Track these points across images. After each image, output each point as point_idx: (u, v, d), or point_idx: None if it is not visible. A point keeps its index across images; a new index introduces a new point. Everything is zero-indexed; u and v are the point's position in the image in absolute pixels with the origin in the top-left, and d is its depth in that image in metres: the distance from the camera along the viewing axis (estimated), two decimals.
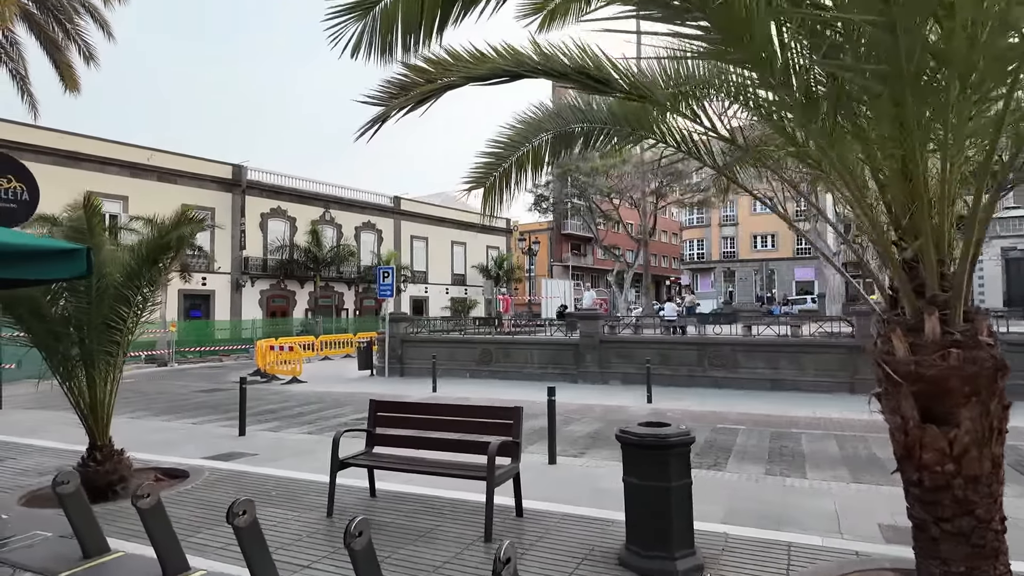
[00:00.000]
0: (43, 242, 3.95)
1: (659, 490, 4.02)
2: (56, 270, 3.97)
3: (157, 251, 6.06)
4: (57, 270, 3.98)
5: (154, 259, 6.10)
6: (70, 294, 5.88)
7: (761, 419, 10.29)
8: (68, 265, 4.01)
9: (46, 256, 3.94)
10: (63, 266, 3.99)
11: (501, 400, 12.66)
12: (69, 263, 4.01)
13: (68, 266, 4.01)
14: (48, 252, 3.94)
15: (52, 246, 3.97)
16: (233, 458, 7.51)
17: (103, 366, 6.17)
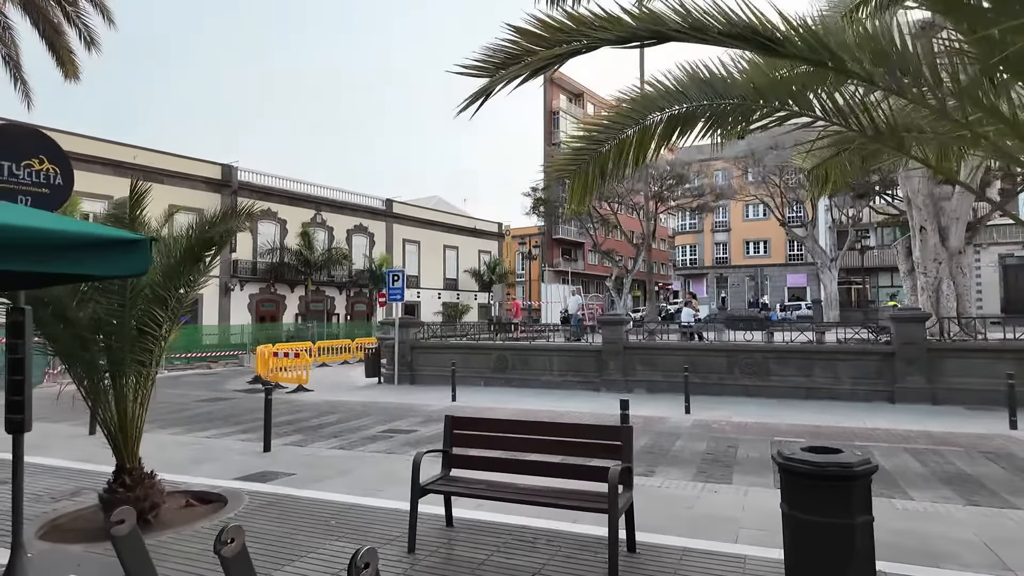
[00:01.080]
0: (100, 230, 3.24)
1: (839, 529, 3.40)
2: (113, 265, 3.27)
3: (201, 246, 5.33)
4: (114, 265, 3.27)
5: (197, 256, 5.37)
6: (99, 294, 5.13)
7: (815, 431, 9.77)
8: (126, 260, 3.31)
9: (103, 248, 3.23)
10: (121, 260, 3.29)
11: (525, 410, 12.03)
12: (128, 257, 3.31)
13: (127, 261, 3.31)
14: (105, 243, 3.23)
15: (111, 236, 3.26)
16: (269, 479, 6.75)
17: (134, 377, 5.42)
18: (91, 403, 5.39)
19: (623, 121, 4.73)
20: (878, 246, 40.20)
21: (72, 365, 5.28)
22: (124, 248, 3.31)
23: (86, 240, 3.16)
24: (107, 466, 7.38)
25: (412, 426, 10.57)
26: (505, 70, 4.03)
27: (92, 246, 3.19)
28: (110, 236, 3.26)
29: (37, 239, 2.95)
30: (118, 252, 3.28)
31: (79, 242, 3.14)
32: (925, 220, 13.91)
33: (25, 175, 4.12)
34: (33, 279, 3.71)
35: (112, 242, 3.27)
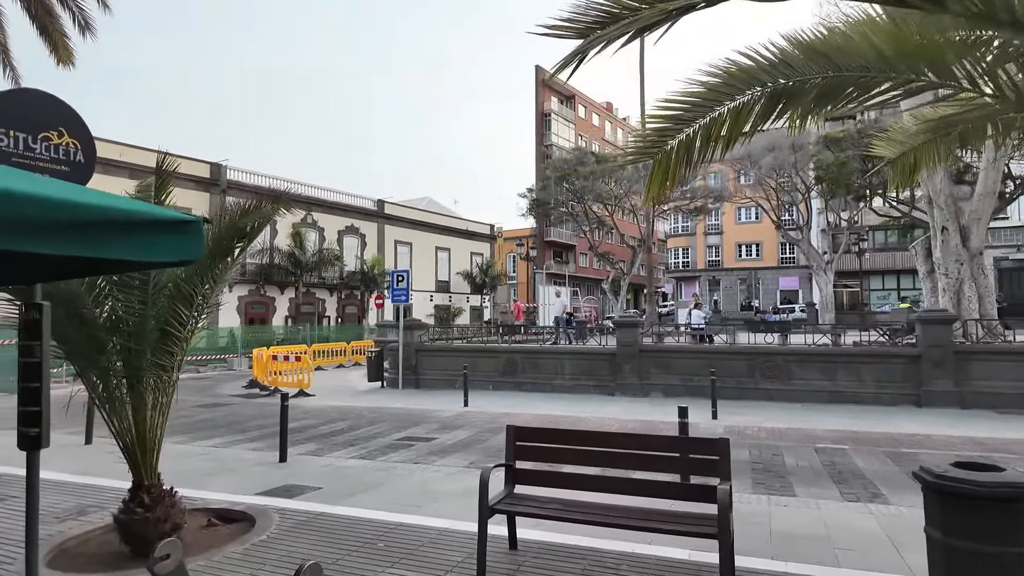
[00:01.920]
0: (150, 208, 2.68)
1: (1013, 559, 2.94)
2: (162, 249, 2.71)
3: (231, 237, 4.77)
4: (163, 249, 2.71)
5: (227, 248, 4.80)
6: (119, 290, 4.54)
7: (853, 436, 9.38)
8: (177, 244, 2.76)
9: (151, 229, 2.67)
10: (171, 245, 2.73)
11: (544, 416, 11.53)
12: (179, 241, 2.76)
13: (177, 245, 2.76)
14: (155, 223, 2.68)
15: (162, 215, 2.71)
16: (294, 493, 6.18)
17: (154, 384, 4.84)
18: (106, 413, 4.78)
19: (714, 98, 4.26)
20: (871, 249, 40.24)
21: (85, 370, 4.68)
22: (175, 230, 2.75)
23: (135, 219, 2.61)
24: (110, 480, 6.78)
25: (430, 433, 10.02)
26: (601, 30, 3.54)
27: (139, 227, 2.63)
28: (161, 216, 2.71)
29: (81, 216, 2.39)
30: (168, 235, 2.73)
31: (126, 221, 2.58)
32: (947, 220, 13.65)
33: (42, 149, 3.56)
34: (60, 267, 3.14)
35: (162, 222, 2.71)
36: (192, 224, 2.81)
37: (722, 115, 4.28)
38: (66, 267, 3.12)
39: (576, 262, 57.99)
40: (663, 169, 4.59)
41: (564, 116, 58.64)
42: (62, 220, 2.36)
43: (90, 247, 2.47)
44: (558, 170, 34.22)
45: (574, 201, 34.76)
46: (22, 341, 3.48)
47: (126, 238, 2.59)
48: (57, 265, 3.06)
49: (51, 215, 2.28)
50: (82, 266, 3.09)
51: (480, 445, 8.98)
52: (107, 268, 3.18)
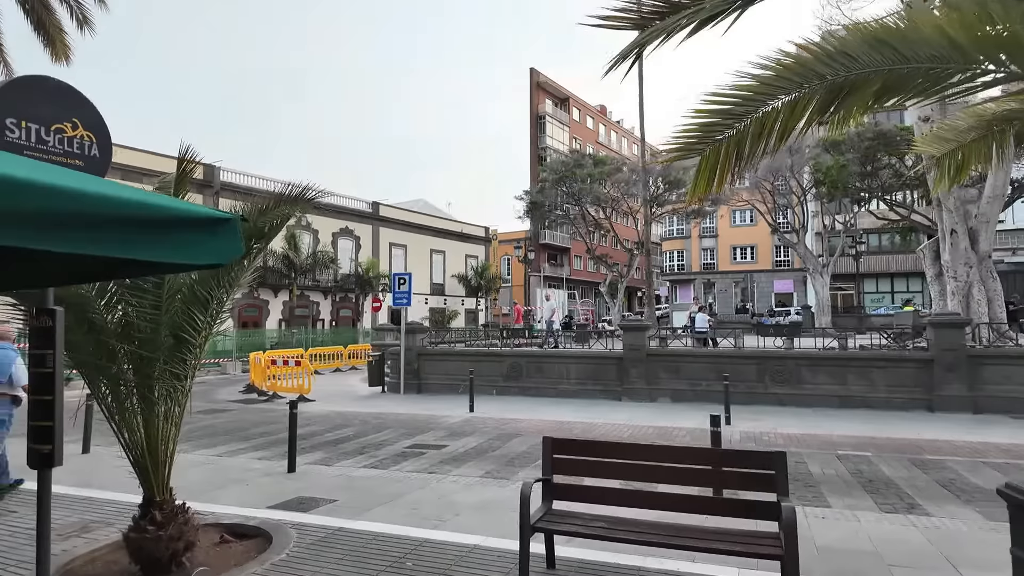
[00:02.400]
0: (180, 204, 2.42)
1: None
2: (198, 251, 2.45)
3: (248, 238, 4.49)
4: (199, 251, 2.45)
5: (245, 247, 4.52)
6: (131, 294, 4.25)
7: (871, 442, 9.19)
8: (213, 244, 2.49)
9: (187, 227, 2.41)
10: (207, 245, 2.47)
11: (554, 422, 11.29)
12: (213, 241, 2.50)
13: (213, 246, 2.50)
14: (191, 221, 2.41)
15: (195, 212, 2.44)
16: (309, 507, 5.90)
17: (167, 393, 4.55)
18: (115, 424, 4.49)
19: (767, 91, 4.03)
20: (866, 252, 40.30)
21: (94, 379, 4.39)
22: (209, 229, 2.49)
23: (168, 216, 2.34)
24: (112, 492, 6.47)
25: (439, 440, 9.74)
26: (660, 21, 3.31)
27: (172, 224, 2.37)
28: (196, 213, 2.44)
29: (110, 211, 2.13)
30: (202, 234, 2.47)
31: (158, 219, 2.32)
32: (956, 223, 13.55)
33: (56, 142, 3.28)
34: (81, 269, 2.86)
35: (197, 220, 2.45)
36: (228, 223, 2.55)
37: (776, 109, 4.06)
38: (87, 269, 2.85)
39: (571, 265, 57.82)
40: (711, 166, 4.36)
41: (558, 119, 58.51)
42: (89, 215, 2.09)
43: (118, 246, 2.21)
44: (556, 172, 34.02)
45: (571, 203, 34.57)
46: (33, 349, 3.20)
47: (158, 237, 2.32)
48: (77, 267, 2.78)
49: (78, 210, 2.01)
50: (104, 268, 2.81)
51: (493, 453, 8.72)
52: (132, 270, 2.90)
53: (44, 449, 3.18)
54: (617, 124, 70.92)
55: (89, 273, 2.98)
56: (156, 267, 2.74)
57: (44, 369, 3.17)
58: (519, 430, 10.51)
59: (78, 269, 2.96)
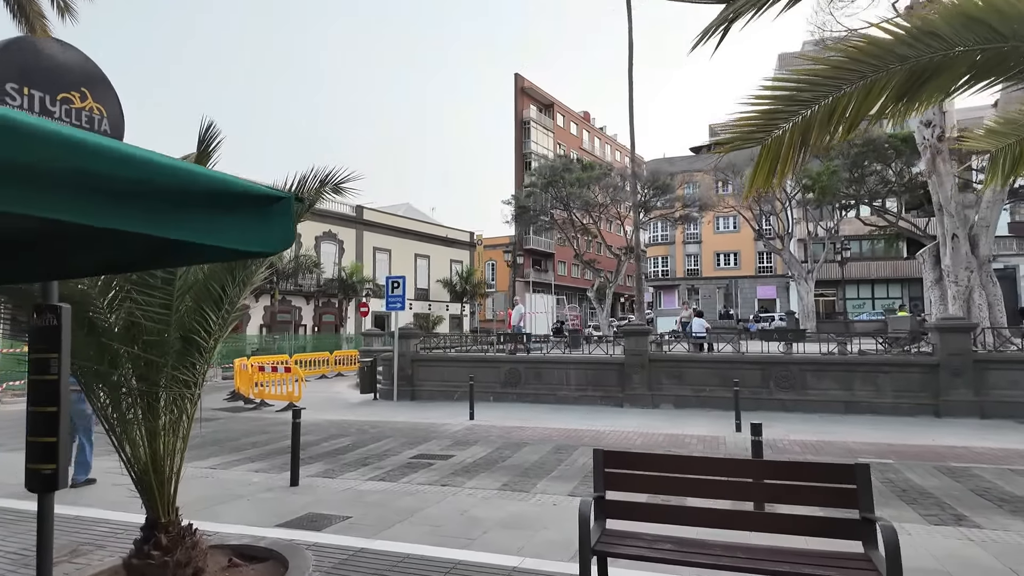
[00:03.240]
0: (229, 178, 2.00)
1: None
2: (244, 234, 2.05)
3: None
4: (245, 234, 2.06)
5: None
6: (137, 290, 3.80)
7: (888, 449, 8.98)
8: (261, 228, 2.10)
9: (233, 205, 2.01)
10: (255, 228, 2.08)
11: (558, 430, 10.93)
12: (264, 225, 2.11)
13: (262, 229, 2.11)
14: (238, 198, 2.02)
15: (246, 188, 2.04)
16: (321, 525, 5.45)
17: (174, 402, 4.11)
18: (115, 438, 4.02)
19: (839, 75, 3.74)
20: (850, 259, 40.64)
21: (93, 387, 3.93)
22: (260, 210, 2.10)
23: (217, 190, 1.94)
24: (103, 510, 5.94)
25: (444, 450, 9.32)
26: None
27: (221, 201, 1.97)
28: (247, 189, 2.04)
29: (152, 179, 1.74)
30: (251, 216, 2.07)
31: (206, 193, 1.92)
32: (957, 227, 13.51)
33: (62, 113, 2.84)
34: (101, 255, 2.44)
35: (247, 198, 2.05)
36: (282, 202, 2.16)
37: (847, 95, 3.77)
38: (107, 256, 2.42)
39: (555, 270, 57.61)
40: (772, 157, 4.06)
41: (543, 124, 58.41)
42: (143, 187, 1.70)
43: (157, 224, 1.81)
44: (544, 176, 33.78)
45: (560, 208, 34.34)
46: (34, 354, 2.76)
47: (202, 216, 1.93)
48: (96, 251, 2.36)
49: (136, 179, 1.62)
50: (126, 257, 2.39)
51: (504, 464, 8.32)
52: (163, 259, 2.46)
53: (46, 470, 2.73)
54: (600, 131, 71.07)
55: (108, 263, 2.55)
56: (194, 253, 2.32)
57: (47, 376, 2.72)
58: (525, 438, 10.12)
59: (90, 259, 2.53)
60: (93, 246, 2.32)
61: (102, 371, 3.86)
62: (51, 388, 2.71)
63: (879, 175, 26.94)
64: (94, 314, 3.75)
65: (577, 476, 7.51)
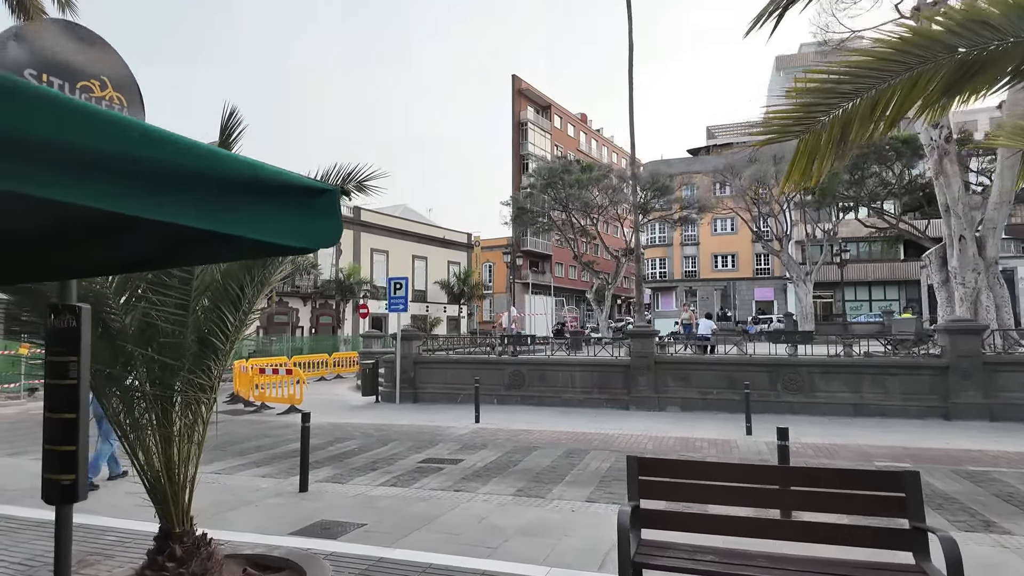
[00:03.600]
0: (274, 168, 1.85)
1: None
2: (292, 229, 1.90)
3: None
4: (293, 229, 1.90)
5: None
6: (154, 290, 3.63)
7: (905, 452, 8.88)
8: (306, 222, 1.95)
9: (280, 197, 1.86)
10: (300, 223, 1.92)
11: (567, 433, 10.78)
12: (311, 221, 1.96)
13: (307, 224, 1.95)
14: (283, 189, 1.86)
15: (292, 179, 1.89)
16: (336, 533, 5.28)
17: (188, 406, 3.95)
18: (128, 444, 3.86)
19: (884, 67, 3.61)
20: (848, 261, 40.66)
21: (105, 392, 3.76)
22: (307, 202, 1.94)
23: (264, 181, 1.79)
24: (107, 518, 5.75)
25: (453, 454, 9.15)
26: None
27: (268, 192, 1.82)
28: (292, 180, 1.89)
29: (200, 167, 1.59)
30: (296, 209, 1.92)
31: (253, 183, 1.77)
32: (964, 229, 13.44)
33: None
34: (132, 253, 2.28)
35: (293, 189, 1.89)
36: (327, 195, 2.01)
37: (892, 87, 3.64)
38: (134, 252, 2.26)
39: (552, 272, 57.51)
40: (809, 151, 3.92)
41: (540, 126, 58.34)
42: (173, 169, 1.55)
43: (204, 216, 1.65)
44: (544, 177, 33.67)
45: (559, 209, 34.22)
46: (51, 356, 2.59)
47: (249, 207, 1.77)
48: (123, 246, 2.20)
49: (187, 166, 1.48)
50: (157, 249, 2.22)
51: (515, 468, 8.16)
52: (196, 253, 2.29)
53: (65, 480, 2.57)
54: (597, 132, 71.08)
55: (136, 260, 2.38)
56: (230, 249, 2.16)
57: (65, 381, 2.56)
58: (534, 442, 9.97)
59: (117, 255, 2.36)
60: (121, 241, 2.16)
61: (116, 374, 3.70)
62: (70, 393, 2.55)
63: (878, 177, 26.94)
64: (108, 315, 3.59)
65: (592, 481, 7.36)
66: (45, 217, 2.07)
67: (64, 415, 2.56)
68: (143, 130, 1.47)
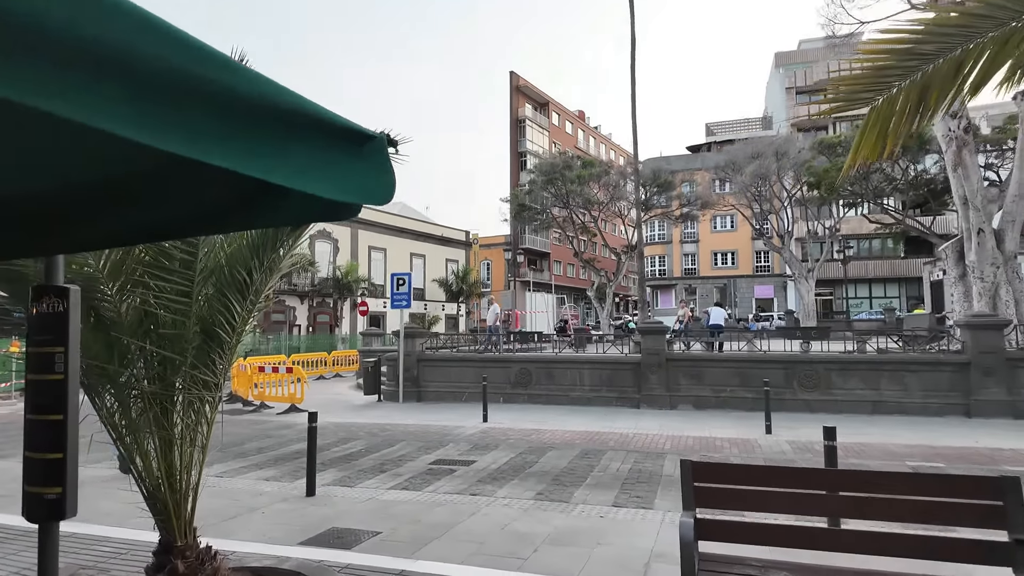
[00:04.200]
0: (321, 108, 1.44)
1: None
2: (342, 180, 1.51)
3: None
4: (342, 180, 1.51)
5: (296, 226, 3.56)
6: (152, 275, 3.22)
7: (934, 452, 8.53)
8: (356, 173, 1.55)
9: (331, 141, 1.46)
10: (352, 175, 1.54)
11: (579, 432, 10.40)
12: (361, 169, 1.56)
13: (356, 175, 1.56)
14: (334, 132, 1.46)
15: (340, 120, 1.48)
16: (350, 543, 4.88)
17: (190, 406, 3.54)
18: (123, 449, 3.45)
19: (970, 24, 3.23)
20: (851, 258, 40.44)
21: (97, 390, 3.35)
22: (355, 150, 1.55)
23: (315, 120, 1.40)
24: (97, 526, 5.33)
25: (463, 455, 8.76)
26: None
27: (319, 133, 1.43)
28: (340, 122, 1.48)
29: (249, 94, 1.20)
30: (347, 158, 1.52)
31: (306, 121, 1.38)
32: (983, 222, 13.12)
33: None
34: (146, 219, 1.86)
35: (344, 133, 1.50)
36: (376, 141, 1.60)
37: (980, 46, 3.26)
38: (153, 215, 1.84)
39: (551, 270, 57.13)
40: (882, 121, 3.54)
41: (538, 123, 57.93)
42: (252, 109, 1.17)
43: (254, 161, 1.27)
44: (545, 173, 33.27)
45: (560, 205, 33.84)
46: (35, 347, 2.19)
47: (300, 151, 1.39)
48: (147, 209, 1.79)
49: (248, 98, 1.10)
50: (191, 207, 1.81)
51: (531, 470, 7.77)
52: (236, 216, 1.84)
53: (50, 494, 2.17)
54: (595, 130, 70.71)
55: (153, 227, 1.95)
56: (270, 209, 1.75)
57: (50, 376, 2.15)
58: (547, 442, 9.59)
59: (133, 220, 1.93)
60: (148, 197, 1.74)
61: (109, 370, 3.28)
62: (56, 390, 2.15)
63: (883, 172, 26.65)
64: (100, 303, 3.18)
65: (614, 484, 6.98)
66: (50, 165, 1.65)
67: (49, 416, 2.16)
68: (214, 54, 1.12)
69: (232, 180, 1.38)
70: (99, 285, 3.11)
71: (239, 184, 1.43)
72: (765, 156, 33.22)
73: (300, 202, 1.57)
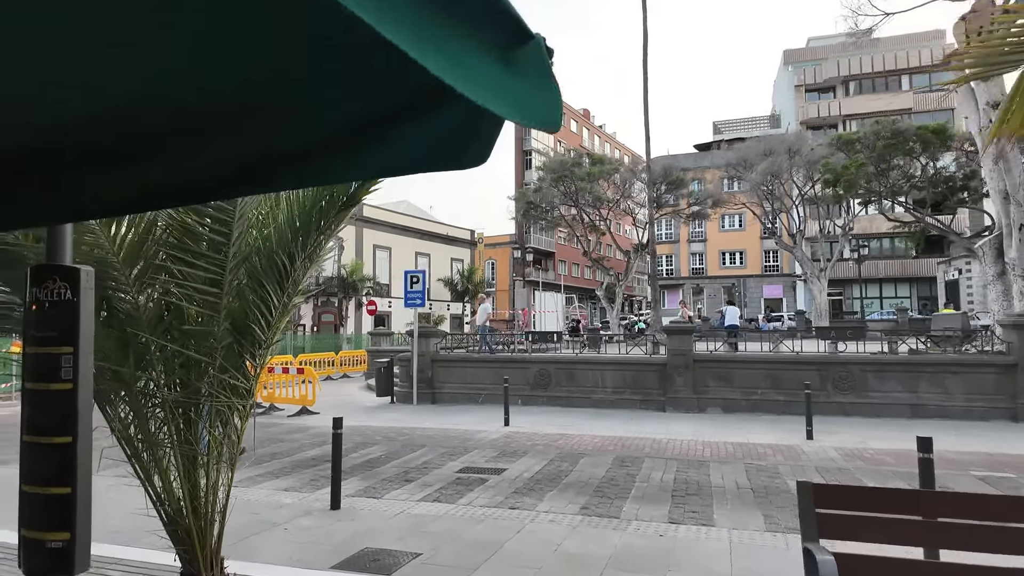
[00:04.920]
0: None
1: None
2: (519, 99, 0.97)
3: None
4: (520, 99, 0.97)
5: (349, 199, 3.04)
6: (174, 261, 2.69)
7: (995, 460, 8.01)
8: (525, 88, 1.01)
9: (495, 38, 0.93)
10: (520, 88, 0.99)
11: (607, 438, 9.87)
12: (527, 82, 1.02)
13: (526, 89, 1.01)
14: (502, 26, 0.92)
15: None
16: (389, 567, 4.35)
17: (218, 416, 3.02)
18: (140, 467, 2.92)
19: None
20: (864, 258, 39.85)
21: (109, 396, 2.81)
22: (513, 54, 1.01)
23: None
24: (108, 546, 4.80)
25: (490, 462, 8.23)
26: None
27: (463, 20, 0.88)
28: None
29: None
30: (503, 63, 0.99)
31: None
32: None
33: None
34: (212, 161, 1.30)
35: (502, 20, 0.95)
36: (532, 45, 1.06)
37: None
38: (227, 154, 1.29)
39: (556, 269, 56.55)
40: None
41: None
42: None
43: (444, 60, 0.74)
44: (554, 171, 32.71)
45: (569, 204, 33.29)
46: (35, 347, 1.65)
47: (470, 51, 0.85)
48: (222, 141, 1.24)
49: None
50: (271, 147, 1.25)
51: (568, 480, 7.23)
52: (328, 160, 1.25)
53: (54, 541, 1.63)
54: (600, 128, 70.14)
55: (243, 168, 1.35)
56: (411, 136, 1.20)
57: (56, 385, 1.62)
58: (576, 448, 9.05)
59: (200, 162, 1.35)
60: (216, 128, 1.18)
61: (124, 374, 2.75)
62: (63, 405, 1.61)
63: (901, 170, 26.06)
64: (115, 293, 2.64)
65: (663, 497, 6.44)
66: None
67: (54, 439, 1.62)
68: None
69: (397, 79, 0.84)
70: (112, 271, 2.57)
71: (406, 83, 0.90)
72: (777, 153, 32.67)
73: (466, 113, 1.03)
